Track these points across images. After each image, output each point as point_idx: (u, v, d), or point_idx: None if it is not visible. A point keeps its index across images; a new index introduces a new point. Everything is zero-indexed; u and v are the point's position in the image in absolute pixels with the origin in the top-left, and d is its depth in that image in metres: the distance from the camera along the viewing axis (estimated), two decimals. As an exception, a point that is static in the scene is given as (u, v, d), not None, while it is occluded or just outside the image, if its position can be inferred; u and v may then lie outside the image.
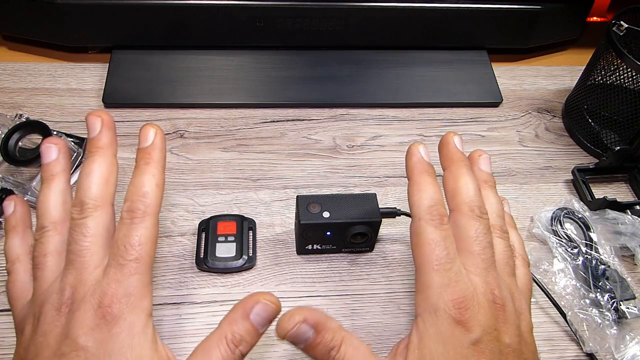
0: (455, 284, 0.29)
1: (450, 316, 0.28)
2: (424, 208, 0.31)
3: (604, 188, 0.54)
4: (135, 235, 0.28)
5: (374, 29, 0.59)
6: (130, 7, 0.55)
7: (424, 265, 0.30)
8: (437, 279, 0.29)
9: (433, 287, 0.29)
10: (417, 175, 0.33)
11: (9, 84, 0.57)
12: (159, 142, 0.32)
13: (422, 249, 0.30)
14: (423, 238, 0.30)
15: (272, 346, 0.40)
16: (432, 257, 0.30)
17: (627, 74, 0.51)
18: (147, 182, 0.30)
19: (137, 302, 0.28)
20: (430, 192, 0.32)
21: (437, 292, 0.29)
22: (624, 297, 0.43)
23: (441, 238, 0.30)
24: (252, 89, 0.58)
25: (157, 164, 0.31)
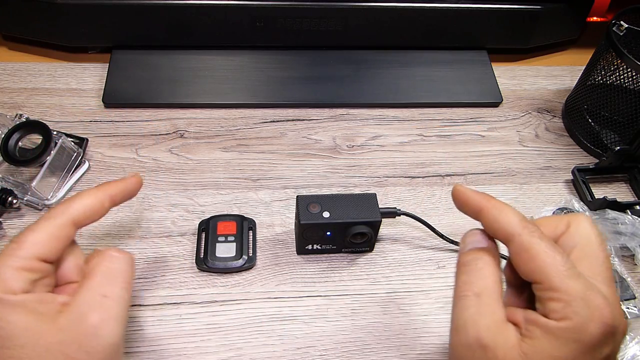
0: (596, 294, 0.27)
1: (597, 328, 0.27)
2: (517, 224, 0.29)
3: (604, 188, 0.54)
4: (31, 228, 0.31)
5: (374, 29, 0.59)
6: (130, 7, 0.55)
7: (552, 274, 0.27)
8: (573, 285, 0.27)
9: (573, 294, 0.27)
10: (488, 201, 0.31)
11: (9, 84, 0.57)
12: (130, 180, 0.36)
13: (540, 259, 0.28)
14: (534, 249, 0.28)
15: (272, 346, 0.40)
16: (557, 264, 0.28)
17: (627, 74, 0.51)
18: (78, 194, 0.33)
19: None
20: (511, 209, 0.30)
21: (580, 300, 0.27)
22: (624, 297, 0.43)
23: (552, 245, 0.28)
24: (252, 89, 0.58)
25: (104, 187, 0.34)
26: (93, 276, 0.30)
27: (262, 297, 0.43)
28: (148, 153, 0.52)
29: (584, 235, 0.30)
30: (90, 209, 0.32)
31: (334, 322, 0.42)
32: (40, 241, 0.30)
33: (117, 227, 0.46)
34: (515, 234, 0.29)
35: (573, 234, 0.31)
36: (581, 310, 0.27)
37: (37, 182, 0.45)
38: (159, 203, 0.48)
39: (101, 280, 0.30)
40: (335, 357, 0.40)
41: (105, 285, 0.30)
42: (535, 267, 0.28)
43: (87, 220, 0.32)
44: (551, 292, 0.27)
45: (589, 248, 0.30)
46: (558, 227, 0.31)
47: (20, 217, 0.46)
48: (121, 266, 0.31)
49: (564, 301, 0.27)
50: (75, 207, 0.31)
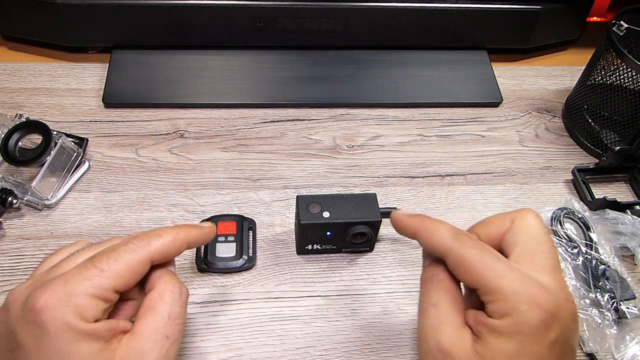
0: (529, 285, 0.29)
1: (534, 316, 0.28)
2: (448, 239, 0.31)
3: (604, 188, 0.54)
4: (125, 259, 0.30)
5: (374, 29, 0.59)
6: (130, 7, 0.55)
7: (485, 279, 0.29)
8: (506, 284, 0.29)
9: (506, 292, 0.29)
10: (420, 223, 0.33)
11: (9, 84, 0.57)
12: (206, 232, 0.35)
13: (473, 268, 0.30)
14: (466, 260, 0.30)
15: (272, 346, 0.40)
16: (487, 268, 0.29)
17: (627, 74, 0.51)
18: (164, 229, 0.32)
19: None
20: (443, 226, 0.32)
21: (513, 295, 0.28)
22: (624, 297, 0.43)
23: (481, 250, 0.30)
24: (252, 89, 0.58)
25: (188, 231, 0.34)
26: (157, 313, 0.30)
27: (262, 297, 0.43)
28: (148, 153, 0.52)
29: (526, 229, 0.32)
30: (168, 250, 0.32)
31: (334, 322, 0.42)
32: (122, 274, 0.29)
33: (117, 227, 0.46)
34: (447, 250, 0.31)
35: (516, 230, 0.32)
36: (517, 304, 0.28)
37: (37, 182, 0.45)
38: (159, 203, 0.48)
39: (164, 320, 0.30)
40: (335, 357, 0.40)
41: (167, 326, 0.30)
42: (471, 277, 0.30)
43: (162, 260, 0.32)
44: (489, 295, 0.29)
45: (531, 241, 0.31)
46: (503, 224, 0.33)
47: (20, 217, 0.46)
48: (183, 310, 0.32)
49: (500, 300, 0.29)
50: (156, 245, 0.31)
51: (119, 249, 0.30)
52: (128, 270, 0.30)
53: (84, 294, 0.28)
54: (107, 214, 0.47)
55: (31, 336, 0.27)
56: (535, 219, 0.33)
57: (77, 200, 0.48)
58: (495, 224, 0.33)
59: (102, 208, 0.48)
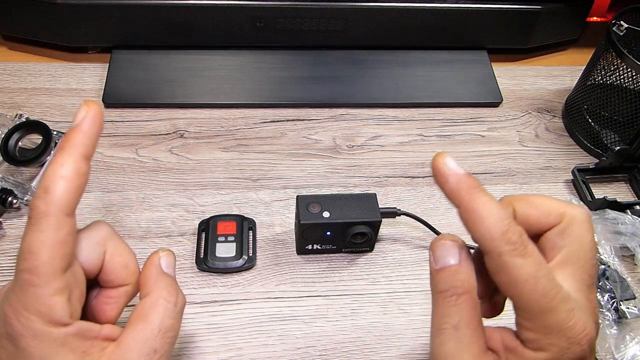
0: (576, 319, 0.26)
1: (572, 353, 0.26)
2: (498, 237, 0.26)
3: (604, 188, 0.54)
4: (26, 242, 0.25)
5: (374, 29, 0.59)
6: (130, 7, 0.55)
7: (533, 305, 0.26)
8: (554, 319, 0.26)
9: (552, 327, 0.26)
10: (468, 198, 0.28)
11: (9, 84, 0.57)
12: (85, 123, 0.26)
13: (521, 287, 0.26)
14: (514, 275, 0.26)
15: (272, 346, 0.40)
16: (539, 295, 0.25)
17: (627, 74, 0.51)
18: (50, 174, 0.25)
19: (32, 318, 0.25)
20: (495, 214, 0.26)
21: (558, 332, 0.26)
22: (624, 297, 0.43)
23: (536, 269, 0.26)
24: (252, 89, 0.58)
25: (72, 149, 0.26)
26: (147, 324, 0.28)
27: (262, 297, 0.43)
28: (148, 153, 0.52)
29: (578, 237, 0.28)
30: (74, 189, 0.26)
31: (334, 322, 0.42)
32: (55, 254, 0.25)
33: (117, 227, 0.46)
34: (495, 251, 0.26)
35: (566, 231, 0.28)
36: (558, 341, 0.26)
37: (37, 182, 0.45)
38: (159, 203, 0.48)
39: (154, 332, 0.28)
40: (335, 357, 0.40)
41: (157, 339, 0.28)
42: (515, 294, 0.26)
43: (77, 201, 0.26)
44: (528, 322, 0.26)
45: (579, 252, 0.28)
46: (550, 215, 0.29)
47: (20, 217, 0.46)
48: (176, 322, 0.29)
49: (541, 333, 0.26)
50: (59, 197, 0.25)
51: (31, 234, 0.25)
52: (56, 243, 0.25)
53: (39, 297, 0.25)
54: (107, 214, 0.47)
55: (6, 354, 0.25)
56: (590, 225, 0.29)
57: (77, 200, 0.48)
58: (541, 209, 0.29)
59: (102, 208, 0.48)
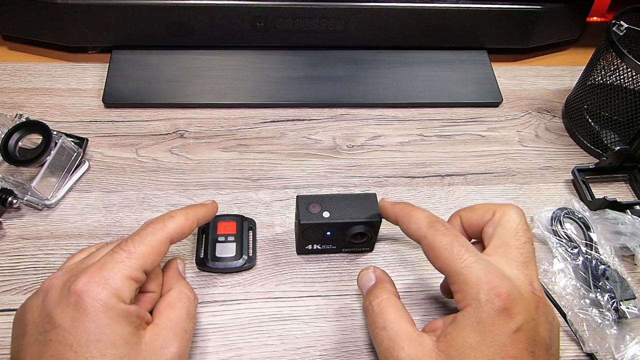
0: (492, 275, 0.30)
1: (493, 305, 0.29)
2: (424, 226, 0.33)
3: (604, 188, 0.54)
4: (138, 236, 0.33)
5: (374, 29, 0.59)
6: (130, 7, 0.55)
7: (452, 268, 0.31)
8: (469, 274, 0.30)
9: (469, 282, 0.30)
10: (401, 210, 0.36)
11: (9, 84, 0.57)
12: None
13: (442, 256, 0.32)
14: (437, 248, 0.32)
15: (272, 346, 0.40)
16: (455, 258, 0.31)
17: (627, 74, 0.51)
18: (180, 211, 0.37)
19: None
20: (420, 214, 0.34)
21: (475, 285, 0.30)
22: (624, 297, 0.43)
23: (452, 239, 0.32)
24: (252, 89, 0.58)
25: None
26: (177, 310, 0.34)
27: (262, 297, 0.43)
28: (148, 153, 0.52)
29: (504, 223, 0.34)
30: (182, 229, 0.35)
31: (334, 322, 0.42)
32: (148, 254, 0.32)
33: (117, 227, 0.46)
34: (422, 236, 0.33)
35: (495, 222, 0.34)
36: (477, 294, 0.30)
37: (37, 182, 0.45)
38: (159, 203, 0.48)
39: (184, 316, 0.34)
40: (335, 357, 0.40)
41: (186, 322, 0.34)
42: (440, 264, 0.32)
43: (179, 238, 0.35)
44: (455, 285, 0.31)
45: (507, 235, 0.33)
46: (486, 214, 0.35)
47: (20, 217, 0.46)
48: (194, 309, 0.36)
49: (463, 290, 0.30)
50: (172, 226, 0.34)
51: (140, 233, 0.33)
52: (152, 250, 0.32)
53: (119, 276, 0.30)
54: (107, 214, 0.47)
55: (69, 318, 0.29)
56: (517, 214, 0.34)
57: (77, 200, 0.48)
58: (478, 212, 0.36)
59: (102, 208, 0.48)
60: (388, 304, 0.34)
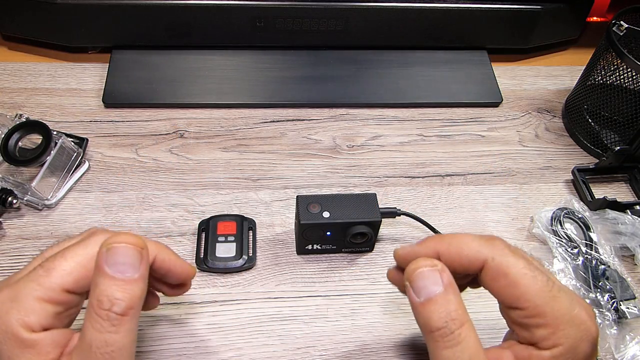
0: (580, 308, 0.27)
1: (586, 344, 0.26)
2: (483, 247, 0.27)
3: (604, 188, 0.54)
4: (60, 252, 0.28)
5: (374, 29, 0.59)
6: (130, 7, 0.55)
7: (536, 298, 0.26)
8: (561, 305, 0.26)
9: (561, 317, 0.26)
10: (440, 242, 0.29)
11: (9, 84, 0.57)
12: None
13: (522, 283, 0.26)
14: (514, 274, 0.26)
15: (272, 346, 0.40)
16: (540, 286, 0.26)
17: (627, 74, 0.51)
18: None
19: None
20: (466, 236, 0.28)
21: (571, 321, 0.26)
22: (624, 297, 0.43)
23: (526, 260, 0.27)
24: (252, 89, 0.58)
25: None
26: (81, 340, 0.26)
27: (262, 297, 0.43)
28: (148, 153, 0.52)
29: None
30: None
31: (334, 322, 0.42)
32: (69, 271, 0.26)
33: (117, 227, 0.46)
34: (488, 258, 0.27)
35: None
36: (571, 332, 0.26)
37: (37, 182, 0.45)
38: (159, 203, 0.48)
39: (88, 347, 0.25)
40: (335, 357, 0.40)
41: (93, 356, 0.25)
42: (518, 294, 0.26)
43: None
44: (537, 319, 0.26)
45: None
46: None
47: (20, 217, 0.46)
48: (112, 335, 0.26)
49: (552, 327, 0.26)
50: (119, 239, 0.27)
51: (72, 246, 0.28)
52: (77, 266, 0.27)
53: (29, 297, 0.25)
54: (107, 214, 0.47)
55: None
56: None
57: (77, 200, 0.48)
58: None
59: (102, 208, 0.48)
60: (474, 333, 0.26)
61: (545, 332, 0.26)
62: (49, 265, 0.26)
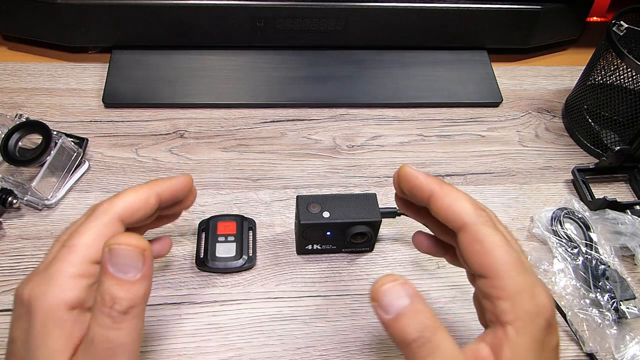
0: (542, 286, 0.27)
1: (545, 320, 0.26)
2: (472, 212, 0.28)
3: (604, 188, 0.54)
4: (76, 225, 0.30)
5: (373, 29, 0.59)
6: (130, 7, 0.55)
7: (505, 270, 0.27)
8: (524, 281, 0.27)
9: (524, 291, 0.27)
10: (441, 186, 0.30)
11: (9, 84, 0.57)
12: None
13: (494, 253, 0.27)
14: (488, 242, 0.27)
15: (272, 346, 0.40)
16: (509, 259, 0.27)
17: (627, 74, 0.51)
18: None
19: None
20: (464, 196, 0.29)
21: (530, 296, 0.26)
22: (624, 297, 0.43)
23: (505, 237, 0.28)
24: (252, 89, 0.58)
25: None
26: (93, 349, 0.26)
27: (262, 297, 0.43)
28: (148, 153, 0.52)
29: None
30: (134, 205, 0.30)
31: (334, 322, 0.42)
32: (91, 243, 0.28)
33: (117, 227, 0.46)
34: (470, 223, 0.28)
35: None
36: (529, 307, 0.26)
37: (37, 182, 0.45)
38: (159, 203, 0.48)
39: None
40: (335, 357, 0.40)
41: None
42: (487, 262, 0.27)
43: (133, 216, 0.30)
44: (500, 290, 0.27)
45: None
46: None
47: (20, 217, 0.46)
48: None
49: (512, 300, 0.26)
50: (119, 203, 0.30)
51: (84, 221, 0.29)
52: (97, 237, 0.28)
53: (64, 275, 0.27)
54: (107, 214, 0.47)
55: (20, 330, 0.27)
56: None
57: (77, 200, 0.48)
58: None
59: (102, 208, 0.48)
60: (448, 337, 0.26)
61: (505, 304, 0.26)
62: (71, 243, 0.28)
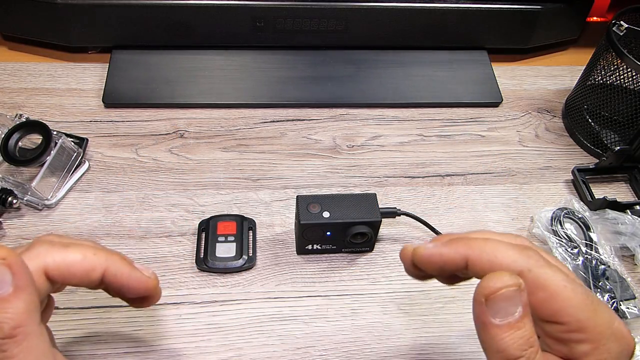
0: (618, 319, 0.26)
1: (629, 354, 0.25)
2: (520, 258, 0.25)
3: (604, 188, 0.54)
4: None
5: (374, 29, 0.59)
6: (130, 7, 0.55)
7: (578, 312, 0.24)
8: (602, 320, 0.25)
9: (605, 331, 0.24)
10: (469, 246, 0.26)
11: (9, 84, 0.57)
12: None
13: (562, 297, 0.24)
14: (552, 286, 0.24)
15: (272, 346, 0.40)
16: (580, 299, 0.24)
17: (627, 74, 0.51)
18: None
19: None
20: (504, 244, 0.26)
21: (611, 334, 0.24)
22: (624, 297, 0.43)
23: (565, 275, 0.25)
24: (252, 89, 0.58)
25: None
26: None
27: (262, 297, 0.43)
28: (148, 153, 0.52)
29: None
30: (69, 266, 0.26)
31: (334, 322, 0.42)
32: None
33: (117, 227, 0.46)
34: (524, 270, 0.24)
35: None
36: (613, 347, 0.24)
37: (37, 182, 0.45)
38: (159, 203, 0.48)
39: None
40: (335, 357, 0.40)
41: None
42: (557, 307, 0.24)
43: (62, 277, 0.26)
44: (579, 334, 0.24)
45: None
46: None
47: (20, 217, 0.46)
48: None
49: (595, 342, 0.24)
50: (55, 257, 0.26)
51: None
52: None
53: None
54: (107, 214, 0.47)
55: None
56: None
57: (77, 200, 0.48)
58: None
59: (102, 208, 0.48)
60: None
61: (587, 347, 0.24)
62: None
